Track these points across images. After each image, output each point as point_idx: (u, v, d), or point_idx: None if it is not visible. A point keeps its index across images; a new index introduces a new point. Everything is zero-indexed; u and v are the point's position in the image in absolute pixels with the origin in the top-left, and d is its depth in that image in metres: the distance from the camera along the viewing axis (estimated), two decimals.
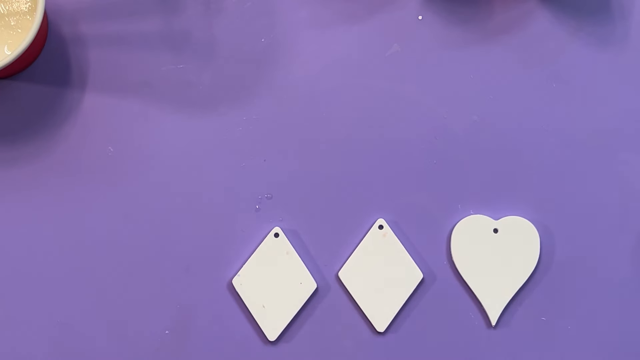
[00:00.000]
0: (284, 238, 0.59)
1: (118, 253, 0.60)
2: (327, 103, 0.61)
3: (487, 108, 0.61)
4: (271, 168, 0.60)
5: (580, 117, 0.61)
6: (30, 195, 0.60)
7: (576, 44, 0.62)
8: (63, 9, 0.61)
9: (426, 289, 0.60)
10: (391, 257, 0.59)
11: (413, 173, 0.60)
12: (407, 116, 0.61)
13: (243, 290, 0.59)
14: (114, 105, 0.61)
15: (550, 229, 0.60)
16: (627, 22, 0.62)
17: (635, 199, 0.60)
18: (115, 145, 0.60)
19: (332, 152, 0.61)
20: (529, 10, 0.62)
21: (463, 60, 0.61)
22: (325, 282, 0.60)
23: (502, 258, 0.59)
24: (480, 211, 0.60)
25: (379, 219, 0.60)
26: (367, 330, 0.60)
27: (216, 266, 0.60)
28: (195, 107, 0.61)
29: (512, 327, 0.60)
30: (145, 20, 0.62)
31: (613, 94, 0.61)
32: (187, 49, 0.61)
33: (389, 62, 0.61)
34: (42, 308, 0.59)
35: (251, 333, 0.59)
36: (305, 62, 0.61)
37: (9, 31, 0.57)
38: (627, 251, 0.60)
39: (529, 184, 0.60)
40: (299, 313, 0.59)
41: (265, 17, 0.62)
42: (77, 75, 0.61)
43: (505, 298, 0.59)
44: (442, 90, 0.61)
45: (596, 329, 0.60)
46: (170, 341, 0.59)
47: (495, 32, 0.62)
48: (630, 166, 0.61)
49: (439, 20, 0.62)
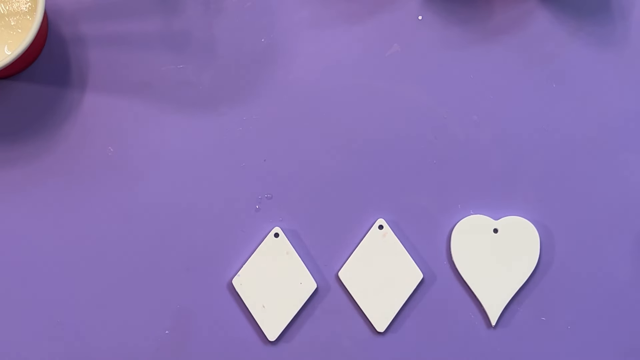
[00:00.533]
0: (284, 238, 0.59)
1: (118, 253, 0.60)
2: (327, 103, 0.61)
3: (487, 108, 0.61)
4: (271, 168, 0.60)
5: (580, 117, 0.61)
6: (30, 195, 0.60)
7: (576, 44, 0.62)
8: (63, 9, 0.61)
9: (426, 289, 0.60)
10: (391, 257, 0.59)
11: (413, 173, 0.60)
12: (407, 116, 0.61)
13: (243, 290, 0.59)
14: (114, 105, 0.61)
15: (550, 229, 0.60)
16: (627, 22, 0.62)
17: (635, 199, 0.60)
18: (115, 145, 0.60)
19: (332, 152, 0.61)
20: (529, 10, 0.62)
21: (463, 60, 0.61)
22: (325, 282, 0.60)
23: (502, 258, 0.59)
24: (480, 211, 0.60)
25: (379, 219, 0.60)
26: (367, 330, 0.60)
27: (216, 266, 0.60)
28: (195, 107, 0.61)
29: (512, 327, 0.60)
30: (145, 20, 0.62)
31: (613, 94, 0.61)
32: (187, 49, 0.61)
33: (389, 62, 0.61)
34: (42, 308, 0.59)
35: (251, 333, 0.59)
36: (305, 62, 0.61)
37: (9, 31, 0.57)
38: (627, 251, 0.60)
39: (529, 184, 0.60)
40: (299, 313, 0.59)
41: (265, 17, 0.62)
42: (77, 75, 0.61)
43: (505, 298, 0.59)
44: (442, 90, 0.61)
45: (596, 329, 0.60)
46: (170, 341, 0.59)
47: (495, 32, 0.62)
48: (630, 166, 0.61)
49: (439, 20, 0.62)
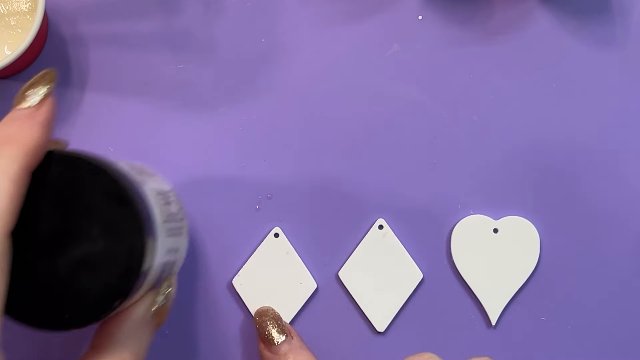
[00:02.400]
0: (284, 238, 0.59)
1: None
2: (327, 103, 0.61)
3: (487, 108, 0.61)
4: (271, 168, 0.60)
5: (581, 117, 0.61)
6: None
7: (576, 44, 0.62)
8: (63, 9, 0.61)
9: (426, 289, 0.60)
10: (391, 257, 0.59)
11: (413, 173, 0.60)
12: (407, 116, 0.61)
13: (243, 290, 0.59)
14: (114, 105, 0.61)
15: (550, 229, 0.60)
16: (627, 22, 0.62)
17: (636, 199, 0.60)
18: (115, 145, 0.60)
19: (332, 152, 0.61)
20: (529, 10, 0.62)
21: (463, 60, 0.61)
22: (325, 282, 0.60)
23: (502, 258, 0.59)
24: (480, 211, 0.60)
25: (379, 219, 0.60)
26: (367, 330, 0.60)
27: (216, 266, 0.60)
28: (195, 107, 0.61)
29: (512, 327, 0.60)
30: (145, 20, 0.61)
31: (613, 94, 0.61)
32: (187, 49, 0.61)
33: (389, 62, 0.61)
34: None
35: (250, 333, 0.59)
36: (305, 62, 0.61)
37: (9, 31, 0.57)
38: (627, 251, 0.60)
39: (529, 183, 0.60)
40: (298, 313, 0.59)
41: (265, 17, 0.62)
42: (77, 75, 0.61)
43: (505, 298, 0.59)
44: (442, 90, 0.61)
45: (596, 329, 0.60)
46: (170, 341, 0.59)
47: (495, 32, 0.62)
48: (631, 166, 0.61)
49: (439, 20, 0.62)
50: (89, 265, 0.41)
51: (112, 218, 0.42)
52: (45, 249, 0.41)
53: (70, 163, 0.42)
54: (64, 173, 0.42)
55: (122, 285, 0.42)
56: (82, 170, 0.42)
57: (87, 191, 0.42)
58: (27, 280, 0.41)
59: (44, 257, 0.41)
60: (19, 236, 0.41)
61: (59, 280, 0.41)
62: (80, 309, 0.41)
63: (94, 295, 0.41)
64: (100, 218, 0.41)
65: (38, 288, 0.41)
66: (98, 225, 0.41)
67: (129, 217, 0.42)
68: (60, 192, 0.42)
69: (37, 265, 0.41)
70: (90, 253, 0.41)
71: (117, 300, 0.42)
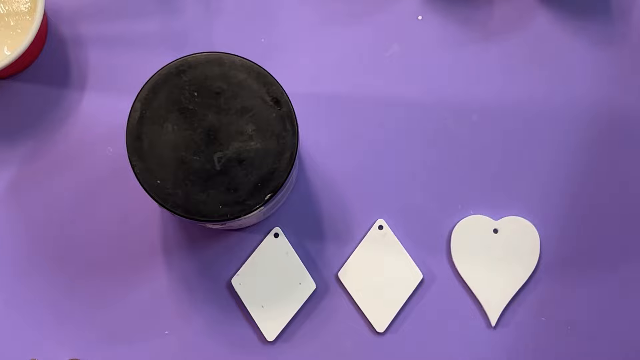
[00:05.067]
0: (283, 238, 0.59)
1: (118, 253, 0.60)
2: (327, 103, 0.61)
3: (487, 108, 0.61)
4: None
5: (581, 117, 0.61)
6: (30, 195, 0.60)
7: (576, 44, 0.62)
8: (63, 9, 0.61)
9: (426, 289, 0.60)
10: (391, 257, 0.59)
11: (413, 173, 0.60)
12: (407, 116, 0.61)
13: (242, 290, 0.59)
14: (114, 105, 0.61)
15: (550, 229, 0.60)
16: (627, 22, 0.62)
17: (636, 199, 0.60)
18: (115, 145, 0.60)
19: (331, 152, 0.61)
20: (529, 10, 0.62)
21: (463, 60, 0.61)
22: (325, 282, 0.60)
23: (502, 258, 0.59)
24: (480, 211, 0.60)
25: (379, 219, 0.60)
26: (367, 330, 0.60)
27: (216, 266, 0.60)
28: None
29: (512, 327, 0.60)
30: (145, 20, 0.62)
31: (613, 94, 0.61)
32: (187, 49, 0.61)
33: (389, 62, 0.61)
34: (43, 307, 0.59)
35: (250, 333, 0.59)
36: (305, 62, 0.61)
37: (8, 31, 0.57)
38: (627, 251, 0.60)
39: (529, 184, 0.60)
40: (298, 313, 0.59)
41: (265, 17, 0.62)
42: (77, 75, 0.61)
43: (505, 298, 0.59)
44: (442, 90, 0.61)
45: (596, 329, 0.60)
46: (170, 341, 0.59)
47: (495, 32, 0.62)
48: (631, 166, 0.61)
49: (439, 20, 0.62)
50: (244, 161, 0.47)
51: (268, 118, 0.48)
52: (204, 146, 0.47)
53: (230, 66, 0.48)
54: (224, 74, 0.48)
55: (274, 180, 0.48)
56: (242, 72, 0.48)
57: (245, 92, 0.48)
58: (186, 173, 0.47)
59: (203, 153, 0.47)
60: (182, 135, 0.47)
61: (216, 174, 0.47)
62: (234, 200, 0.47)
63: (248, 188, 0.47)
64: (257, 118, 0.47)
65: (196, 181, 0.47)
66: (255, 125, 0.47)
67: (283, 119, 0.48)
68: (219, 93, 0.48)
69: (196, 160, 0.47)
70: (247, 150, 0.47)
71: (268, 194, 0.47)
